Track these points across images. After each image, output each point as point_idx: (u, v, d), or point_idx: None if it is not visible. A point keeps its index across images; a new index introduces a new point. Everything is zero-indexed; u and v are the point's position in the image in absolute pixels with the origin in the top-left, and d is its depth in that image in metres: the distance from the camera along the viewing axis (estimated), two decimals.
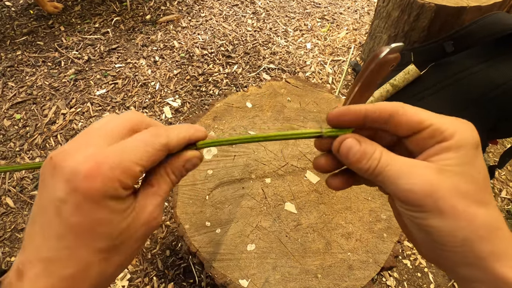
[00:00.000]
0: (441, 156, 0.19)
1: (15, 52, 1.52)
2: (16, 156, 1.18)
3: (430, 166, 0.19)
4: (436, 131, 0.20)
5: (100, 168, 0.20)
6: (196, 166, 0.26)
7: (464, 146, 0.19)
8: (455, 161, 0.19)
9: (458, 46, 0.98)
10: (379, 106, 0.22)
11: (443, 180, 0.19)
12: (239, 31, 1.70)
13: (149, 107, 1.36)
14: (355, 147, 0.22)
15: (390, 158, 0.21)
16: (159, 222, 0.25)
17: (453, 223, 0.19)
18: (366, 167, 0.22)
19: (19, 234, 1.02)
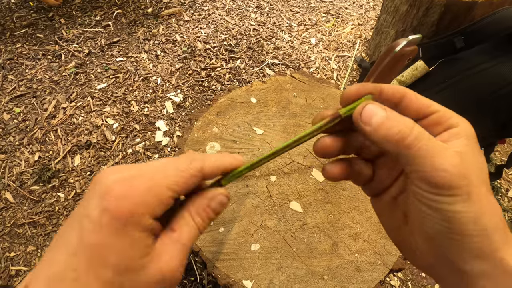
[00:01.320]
0: (455, 142, 0.19)
1: (15, 45, 1.50)
2: (15, 150, 1.17)
3: (454, 149, 0.19)
4: (443, 117, 0.20)
5: (132, 190, 0.19)
6: (224, 205, 0.23)
7: (471, 136, 0.19)
8: (469, 148, 0.19)
9: (469, 41, 0.95)
10: (394, 86, 0.22)
11: (468, 163, 0.18)
12: (242, 25, 1.67)
13: (150, 102, 1.33)
14: (380, 112, 0.20)
15: (423, 132, 0.19)
16: (176, 276, 0.20)
17: (479, 209, 0.18)
18: (393, 133, 0.19)
19: (18, 229, 1.01)
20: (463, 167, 0.18)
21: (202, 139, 0.67)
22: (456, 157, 0.18)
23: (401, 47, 0.38)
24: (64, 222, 0.20)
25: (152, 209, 0.19)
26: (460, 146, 0.19)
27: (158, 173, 0.20)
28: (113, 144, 1.20)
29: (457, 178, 0.18)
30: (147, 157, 1.18)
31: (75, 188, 1.09)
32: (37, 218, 1.03)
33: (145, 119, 1.28)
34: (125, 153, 1.18)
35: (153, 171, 0.20)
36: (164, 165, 0.21)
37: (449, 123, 0.20)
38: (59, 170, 1.13)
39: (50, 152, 1.17)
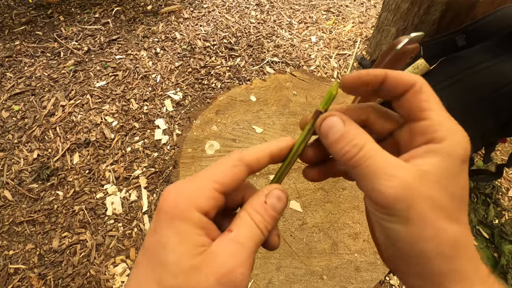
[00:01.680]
0: (427, 160, 0.18)
1: (13, 42, 1.49)
2: (14, 148, 1.16)
3: (410, 170, 0.18)
4: (429, 128, 0.19)
5: (179, 189, 0.20)
6: (282, 200, 0.22)
7: (453, 155, 0.18)
8: (439, 170, 0.17)
9: (470, 40, 0.94)
10: (401, 76, 0.20)
11: (421, 187, 0.17)
12: (242, 23, 1.66)
13: (149, 100, 1.33)
14: (338, 126, 0.20)
15: (374, 150, 0.19)
16: (236, 278, 0.18)
17: (417, 233, 0.17)
18: (343, 151, 0.19)
19: (17, 228, 1.01)
20: (407, 189, 0.17)
21: (201, 138, 0.66)
22: (405, 179, 0.17)
23: (402, 45, 0.38)
24: None
25: (197, 201, 0.19)
26: (429, 165, 0.17)
27: (205, 171, 0.21)
28: (112, 142, 1.20)
29: (394, 201, 0.17)
30: (146, 156, 1.18)
31: (74, 187, 1.09)
32: (36, 217, 1.03)
33: (144, 117, 1.27)
34: (124, 151, 1.18)
35: (202, 171, 0.21)
36: (214, 164, 0.21)
37: (432, 136, 0.18)
38: (58, 168, 1.12)
39: (49, 150, 1.16)
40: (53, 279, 0.93)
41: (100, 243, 0.99)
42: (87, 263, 0.96)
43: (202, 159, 0.62)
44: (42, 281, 0.92)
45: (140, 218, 1.04)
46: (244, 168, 0.21)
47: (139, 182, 1.12)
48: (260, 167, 0.22)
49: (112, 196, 1.08)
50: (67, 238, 1.00)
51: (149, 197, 1.09)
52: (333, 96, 0.22)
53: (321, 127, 0.21)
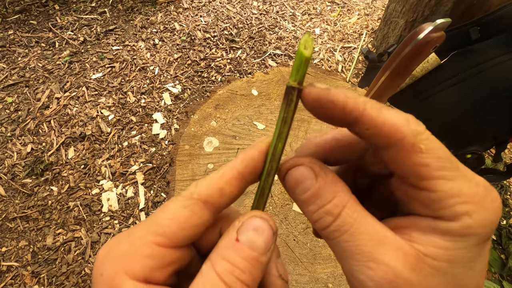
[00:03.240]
0: (431, 238, 0.13)
1: (6, 32, 1.44)
2: (7, 142, 1.12)
3: (404, 252, 0.13)
4: (435, 203, 0.13)
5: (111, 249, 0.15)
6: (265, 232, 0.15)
7: (470, 237, 0.13)
8: (447, 256, 0.13)
9: (484, 33, 0.89)
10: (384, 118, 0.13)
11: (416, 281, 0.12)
12: (243, 14, 1.60)
13: (147, 93, 1.28)
14: (308, 181, 0.15)
15: (356, 217, 0.14)
16: None
17: None
18: (315, 217, 0.14)
19: (10, 224, 0.98)
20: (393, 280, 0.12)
21: (199, 134, 0.62)
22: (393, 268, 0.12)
23: (426, 33, 0.33)
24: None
25: (129, 265, 0.14)
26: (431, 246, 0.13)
27: (147, 219, 0.15)
28: (109, 137, 1.16)
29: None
30: (144, 151, 1.14)
31: (68, 182, 1.05)
32: (29, 212, 0.99)
33: (141, 111, 1.23)
34: (120, 146, 1.14)
35: (145, 220, 0.15)
36: (161, 206, 0.16)
37: (444, 213, 0.13)
38: (52, 163, 1.09)
39: (43, 144, 1.13)
40: (46, 277, 0.90)
41: (95, 241, 0.96)
42: (82, 261, 0.93)
43: (200, 157, 0.58)
44: (35, 279, 0.90)
45: (137, 215, 1.01)
46: (200, 207, 0.15)
47: (136, 178, 1.08)
48: (228, 198, 0.16)
49: (108, 192, 1.05)
50: (61, 235, 0.97)
51: (146, 194, 1.05)
52: (305, 59, 0.16)
53: (285, 179, 0.16)
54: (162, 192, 1.06)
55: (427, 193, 0.13)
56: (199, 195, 0.15)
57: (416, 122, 0.13)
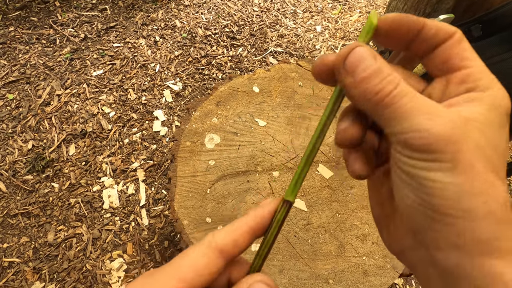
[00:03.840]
0: (470, 108, 0.15)
1: (7, 28, 1.43)
2: (8, 138, 1.13)
3: (456, 112, 0.15)
4: (471, 76, 0.16)
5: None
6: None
7: (497, 106, 0.15)
8: (485, 119, 0.15)
9: (487, 30, 0.89)
10: (440, 24, 0.18)
11: (469, 131, 0.15)
12: (245, 11, 1.60)
13: (148, 90, 1.28)
14: (369, 60, 0.16)
15: (410, 89, 0.16)
16: None
17: (466, 185, 0.14)
18: (377, 89, 0.16)
19: (11, 220, 0.98)
20: (456, 131, 0.14)
21: (201, 131, 0.62)
22: (450, 120, 0.15)
23: None
24: None
25: None
26: (471, 112, 0.15)
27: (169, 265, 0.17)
28: (110, 134, 1.16)
29: (442, 142, 0.14)
30: (144, 148, 1.14)
31: (69, 179, 1.06)
32: (30, 209, 1.00)
33: (142, 108, 1.23)
34: (121, 143, 1.14)
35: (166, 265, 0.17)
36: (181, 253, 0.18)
37: (475, 84, 0.16)
38: (53, 160, 1.09)
39: (44, 140, 1.13)
40: (48, 273, 0.90)
41: (96, 237, 0.97)
42: (83, 257, 0.94)
43: (202, 153, 0.58)
44: (37, 275, 0.90)
45: (138, 212, 1.02)
46: (217, 256, 0.18)
47: (137, 175, 1.08)
48: (240, 249, 0.18)
49: (109, 189, 1.05)
50: (62, 232, 0.97)
51: (147, 191, 1.06)
52: (374, 26, 0.18)
53: (347, 60, 0.17)
54: (163, 189, 1.06)
55: (465, 70, 0.16)
56: (216, 244, 0.18)
57: None
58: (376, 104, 0.16)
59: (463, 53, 0.17)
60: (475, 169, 0.14)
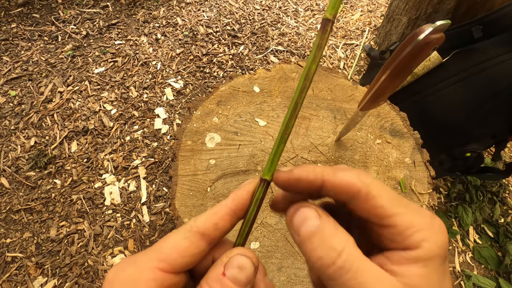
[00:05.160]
0: (409, 269, 0.16)
1: (9, 25, 1.44)
2: (11, 135, 1.14)
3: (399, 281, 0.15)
4: (398, 236, 0.16)
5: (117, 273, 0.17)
6: (247, 270, 0.18)
7: (433, 259, 0.16)
8: (425, 281, 0.15)
9: (487, 31, 0.89)
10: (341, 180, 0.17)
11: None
12: (246, 9, 1.60)
13: (149, 87, 1.29)
14: (313, 219, 0.17)
15: (355, 257, 0.16)
16: None
17: None
18: (318, 254, 0.16)
19: (14, 216, 0.99)
20: None
21: (201, 130, 0.63)
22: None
23: (426, 35, 0.34)
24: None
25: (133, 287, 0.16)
26: (412, 276, 0.15)
27: (151, 247, 0.18)
28: (111, 131, 1.17)
29: None
30: (146, 145, 1.15)
31: (72, 175, 1.07)
32: (33, 205, 1.01)
33: (144, 106, 1.24)
34: (123, 140, 1.15)
35: (149, 248, 0.18)
36: (164, 237, 0.18)
37: (405, 244, 0.16)
38: (55, 156, 1.10)
39: (47, 137, 1.14)
40: (50, 268, 0.92)
41: (98, 233, 0.98)
42: (85, 253, 0.95)
43: (202, 152, 0.59)
44: (39, 270, 0.92)
45: (139, 209, 1.03)
46: (198, 238, 0.18)
47: (138, 172, 1.09)
48: (221, 231, 0.19)
49: (111, 186, 1.06)
50: (64, 228, 0.98)
51: (148, 188, 1.07)
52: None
53: (293, 219, 0.18)
54: (164, 186, 1.07)
55: (389, 229, 0.16)
56: (197, 228, 0.18)
57: (365, 175, 0.17)
58: (320, 272, 0.16)
59: (377, 211, 0.16)
60: None
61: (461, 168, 0.99)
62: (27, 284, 0.89)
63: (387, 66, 0.40)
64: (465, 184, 1.15)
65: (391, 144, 0.63)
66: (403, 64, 0.38)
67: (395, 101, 0.83)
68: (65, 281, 0.90)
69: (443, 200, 1.14)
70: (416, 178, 0.60)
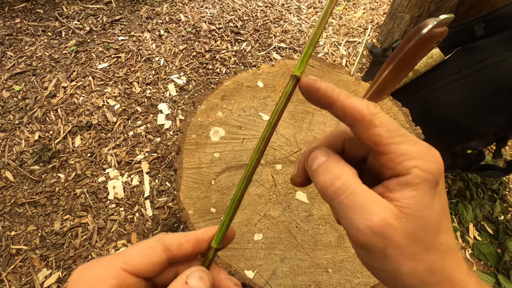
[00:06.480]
0: (400, 193, 0.18)
1: (13, 20, 1.45)
2: (15, 129, 1.15)
3: (387, 208, 0.17)
4: (392, 162, 0.18)
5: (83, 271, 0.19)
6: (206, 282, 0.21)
7: (423, 184, 0.17)
8: (414, 203, 0.17)
9: (489, 29, 0.89)
10: (350, 104, 0.18)
11: (399, 226, 0.17)
12: (249, 6, 1.60)
13: (153, 83, 1.30)
14: (320, 158, 0.20)
15: (351, 182, 0.18)
16: None
17: (396, 269, 0.18)
18: (322, 179, 0.19)
19: (18, 209, 1.00)
20: (386, 229, 0.17)
21: (206, 124, 0.64)
22: (383, 218, 0.17)
23: (429, 29, 0.34)
24: None
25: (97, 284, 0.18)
26: (404, 200, 0.17)
27: (119, 252, 0.20)
28: (114, 126, 1.18)
29: (374, 239, 0.17)
30: (149, 140, 1.16)
31: (75, 170, 1.08)
32: (37, 198, 1.02)
33: (147, 101, 1.25)
34: (126, 136, 1.16)
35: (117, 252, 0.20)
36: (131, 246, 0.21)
37: (398, 170, 0.18)
38: (59, 151, 1.11)
39: (51, 132, 1.15)
40: (54, 261, 0.93)
41: (101, 227, 0.99)
42: (89, 246, 0.96)
43: (207, 146, 0.60)
44: (43, 262, 0.93)
45: (142, 203, 1.04)
46: (162, 250, 0.21)
47: (141, 167, 1.10)
48: (183, 253, 0.21)
49: (114, 180, 1.07)
50: (68, 221, 0.99)
51: (151, 183, 1.08)
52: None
53: (309, 157, 0.21)
54: (166, 181, 1.08)
55: (385, 156, 0.18)
56: (164, 241, 0.21)
57: (373, 106, 0.18)
58: (324, 194, 0.19)
59: (375, 139, 0.18)
60: (404, 256, 0.17)
61: (462, 165, 1.00)
62: (31, 276, 0.90)
63: (390, 61, 0.40)
64: (466, 181, 1.16)
65: None
66: (407, 58, 0.39)
67: (397, 97, 0.84)
68: (69, 274, 0.91)
69: None
70: None
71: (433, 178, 0.17)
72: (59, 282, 0.90)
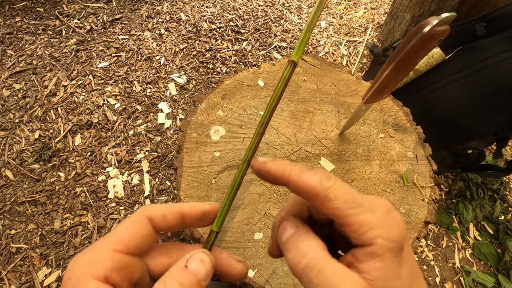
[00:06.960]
0: (368, 264, 0.17)
1: (14, 18, 1.44)
2: (15, 128, 1.14)
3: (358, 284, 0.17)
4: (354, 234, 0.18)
5: (77, 258, 0.19)
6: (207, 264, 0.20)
7: (388, 253, 0.17)
8: (381, 273, 0.17)
9: (491, 29, 0.89)
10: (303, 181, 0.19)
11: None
12: (249, 5, 1.60)
13: (153, 82, 1.30)
14: (288, 231, 0.20)
15: (320, 259, 0.18)
16: None
17: None
18: (291, 256, 0.19)
19: (18, 207, 1.00)
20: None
21: (206, 123, 0.64)
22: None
23: (431, 27, 0.34)
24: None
25: (92, 268, 0.18)
26: (370, 270, 0.17)
27: (107, 234, 0.19)
28: (115, 125, 1.18)
29: None
30: (149, 139, 1.16)
31: (75, 168, 1.08)
32: (37, 197, 1.02)
33: (147, 100, 1.25)
34: (126, 134, 1.16)
35: (106, 234, 0.20)
36: (118, 225, 0.20)
37: (361, 241, 0.18)
38: (59, 149, 1.11)
39: (51, 130, 1.15)
40: (54, 260, 0.93)
41: (101, 226, 0.99)
42: (89, 244, 0.96)
43: (207, 145, 0.60)
44: (43, 261, 0.93)
45: (142, 202, 1.04)
46: (147, 221, 0.20)
47: (141, 166, 1.10)
48: (167, 225, 0.21)
49: (114, 179, 1.07)
50: (68, 220, 0.99)
51: (151, 182, 1.08)
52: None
53: (278, 229, 0.21)
54: (167, 180, 1.08)
55: (347, 227, 0.18)
56: (148, 213, 0.20)
57: (327, 178, 0.19)
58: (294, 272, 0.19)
59: (334, 212, 0.18)
60: None
61: (462, 165, 1.00)
62: (31, 274, 0.90)
63: (391, 60, 0.40)
64: (466, 181, 1.15)
65: (394, 138, 0.64)
66: (409, 57, 0.39)
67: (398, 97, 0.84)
68: None
69: (443, 197, 1.14)
70: (418, 172, 0.60)
71: (397, 246, 0.17)
72: (59, 281, 0.90)
